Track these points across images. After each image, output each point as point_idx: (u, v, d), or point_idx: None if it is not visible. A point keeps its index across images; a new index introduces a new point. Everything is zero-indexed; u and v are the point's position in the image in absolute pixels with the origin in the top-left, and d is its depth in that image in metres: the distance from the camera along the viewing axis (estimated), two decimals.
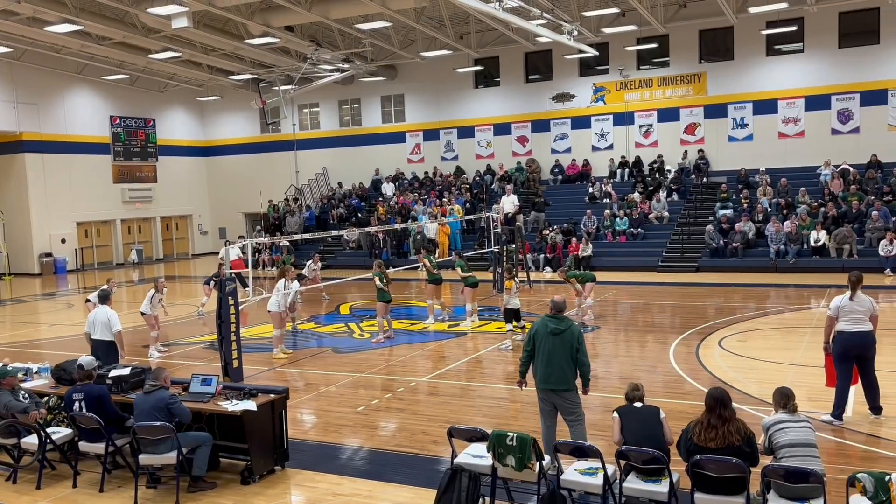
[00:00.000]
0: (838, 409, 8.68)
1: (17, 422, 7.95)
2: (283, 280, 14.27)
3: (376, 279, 14.52)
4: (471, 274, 16.45)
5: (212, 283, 17.71)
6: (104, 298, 10.94)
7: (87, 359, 8.68)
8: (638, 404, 6.60)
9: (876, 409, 8.80)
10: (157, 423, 7.23)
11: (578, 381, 7.58)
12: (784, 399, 6.24)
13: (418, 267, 25.52)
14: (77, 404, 7.75)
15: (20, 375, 9.17)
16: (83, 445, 7.87)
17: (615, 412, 6.61)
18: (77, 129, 32.55)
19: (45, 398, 8.56)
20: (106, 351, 10.42)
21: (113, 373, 8.51)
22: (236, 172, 37.55)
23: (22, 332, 18.22)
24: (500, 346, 13.72)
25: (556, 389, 7.38)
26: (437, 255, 24.02)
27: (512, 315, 14.06)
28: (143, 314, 14.53)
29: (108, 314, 10.65)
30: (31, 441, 7.99)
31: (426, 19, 27.16)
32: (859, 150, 25.31)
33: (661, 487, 6.08)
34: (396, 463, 8.16)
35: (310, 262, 20.72)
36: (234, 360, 11.39)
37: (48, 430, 8.05)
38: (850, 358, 8.66)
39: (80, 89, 32.68)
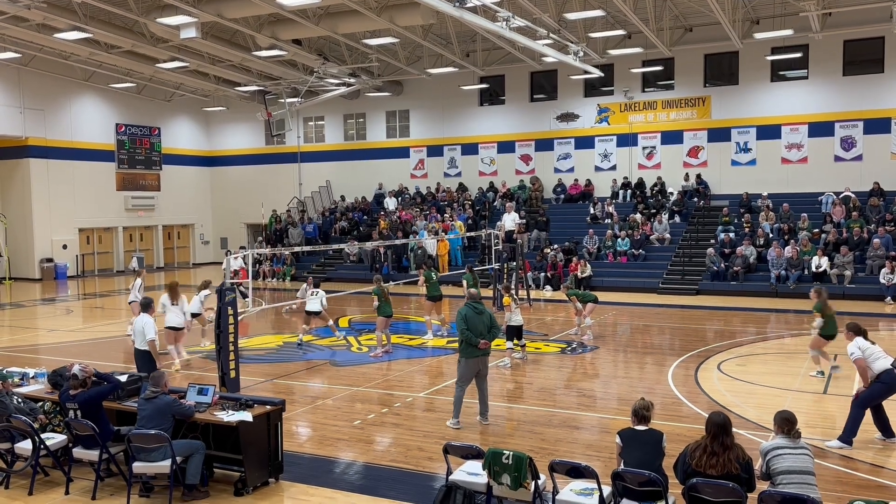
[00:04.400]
0: (853, 435, 8.71)
1: (11, 426, 7.92)
2: (204, 291, 14.69)
3: (375, 296, 14.72)
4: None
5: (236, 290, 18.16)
6: (146, 307, 10.74)
7: (79, 367, 8.63)
8: (641, 427, 6.50)
9: (890, 432, 8.88)
10: (152, 431, 7.22)
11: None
12: (786, 425, 6.19)
13: (418, 282, 25.55)
14: (72, 413, 7.73)
15: (16, 380, 9.16)
16: (77, 452, 7.83)
17: (618, 435, 6.56)
18: (82, 135, 32.68)
19: (40, 403, 8.53)
20: (143, 360, 10.26)
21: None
22: (240, 183, 37.64)
23: (20, 336, 18.19)
24: (499, 364, 13.68)
25: (482, 354, 9.86)
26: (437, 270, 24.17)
27: (514, 332, 14.00)
28: (194, 316, 14.61)
29: (145, 322, 10.46)
30: (24, 446, 7.95)
31: (433, 36, 27.35)
32: (862, 177, 25.36)
33: None
34: (391, 478, 8.11)
35: (304, 285, 20.26)
36: (232, 371, 11.36)
37: (42, 435, 8.01)
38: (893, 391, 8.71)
39: (86, 96, 32.84)
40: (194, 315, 14.67)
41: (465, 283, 17.36)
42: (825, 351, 12.24)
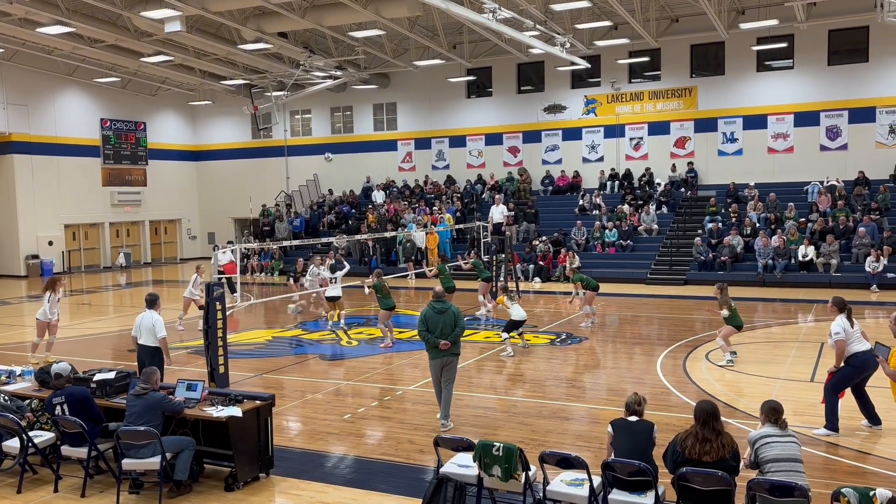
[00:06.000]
0: (835, 420, 8.80)
1: None
2: (48, 292, 14.07)
3: (374, 290, 14.91)
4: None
5: (292, 280, 18.58)
6: (151, 303, 10.56)
7: (61, 366, 8.57)
8: (633, 418, 6.54)
9: (876, 419, 8.95)
10: (141, 428, 7.19)
11: None
12: (773, 414, 6.24)
13: (407, 276, 25.58)
14: (59, 408, 7.69)
15: (3, 378, 9.10)
16: (66, 450, 7.79)
17: (610, 424, 6.59)
18: (67, 131, 32.39)
19: (28, 401, 8.48)
20: (151, 356, 10.17)
21: (98, 377, 8.45)
22: (227, 177, 37.44)
23: (6, 334, 18.05)
24: (502, 354, 13.76)
25: (446, 355, 9.32)
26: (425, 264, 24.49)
27: (512, 326, 14.02)
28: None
29: (154, 319, 10.29)
30: (12, 444, 7.90)
31: (420, 28, 27.26)
32: (847, 166, 25.52)
33: (647, 500, 6.07)
34: (382, 471, 8.12)
35: (312, 266, 20.45)
36: (221, 366, 11.32)
37: (30, 433, 7.96)
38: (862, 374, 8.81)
39: (70, 91, 32.54)
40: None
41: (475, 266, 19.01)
42: (730, 340, 12.91)
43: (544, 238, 26.21)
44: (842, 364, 8.78)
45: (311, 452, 8.82)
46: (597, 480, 6.28)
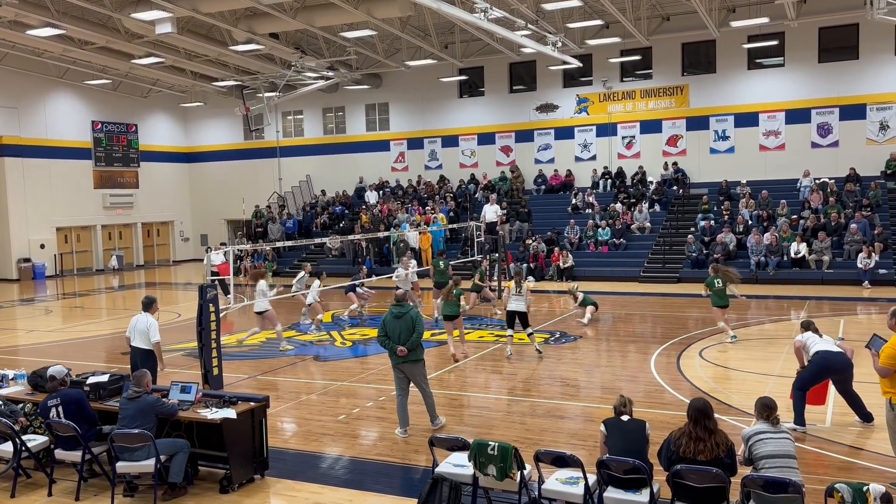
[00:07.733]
0: (801, 417, 8.96)
1: None
2: (263, 281, 15.18)
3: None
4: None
5: (356, 289, 18.18)
6: (147, 306, 10.50)
7: (56, 368, 8.54)
8: (625, 418, 6.57)
9: (868, 416, 9.01)
10: (135, 431, 7.17)
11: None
12: (766, 410, 6.27)
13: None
14: (54, 410, 7.66)
15: None
16: (59, 453, 7.76)
17: (602, 423, 6.61)
18: (58, 133, 32.26)
19: (21, 405, 8.44)
20: (144, 359, 10.13)
21: (91, 380, 8.43)
22: (219, 179, 37.35)
23: None
24: (507, 355, 13.65)
25: (406, 362, 9.14)
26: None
27: (512, 318, 13.57)
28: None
29: (148, 323, 10.25)
30: (5, 448, 7.86)
31: (411, 28, 27.25)
32: (838, 163, 25.62)
33: (642, 497, 6.08)
34: (377, 472, 8.12)
35: (400, 267, 19.72)
36: (215, 368, 11.30)
37: (24, 437, 7.92)
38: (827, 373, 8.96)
39: (61, 94, 32.41)
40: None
41: (477, 275, 18.79)
42: (726, 320, 14.48)
43: (537, 237, 26.25)
44: (806, 364, 9.01)
45: (305, 453, 8.81)
46: (592, 478, 6.29)
